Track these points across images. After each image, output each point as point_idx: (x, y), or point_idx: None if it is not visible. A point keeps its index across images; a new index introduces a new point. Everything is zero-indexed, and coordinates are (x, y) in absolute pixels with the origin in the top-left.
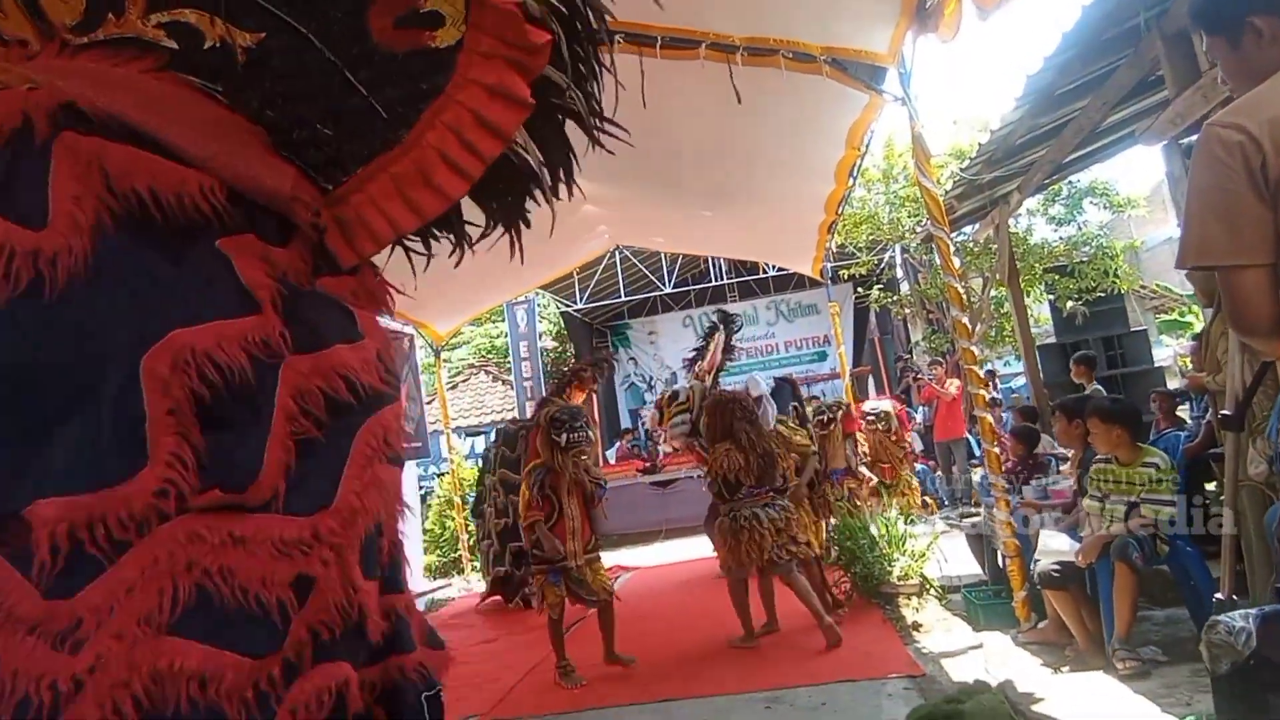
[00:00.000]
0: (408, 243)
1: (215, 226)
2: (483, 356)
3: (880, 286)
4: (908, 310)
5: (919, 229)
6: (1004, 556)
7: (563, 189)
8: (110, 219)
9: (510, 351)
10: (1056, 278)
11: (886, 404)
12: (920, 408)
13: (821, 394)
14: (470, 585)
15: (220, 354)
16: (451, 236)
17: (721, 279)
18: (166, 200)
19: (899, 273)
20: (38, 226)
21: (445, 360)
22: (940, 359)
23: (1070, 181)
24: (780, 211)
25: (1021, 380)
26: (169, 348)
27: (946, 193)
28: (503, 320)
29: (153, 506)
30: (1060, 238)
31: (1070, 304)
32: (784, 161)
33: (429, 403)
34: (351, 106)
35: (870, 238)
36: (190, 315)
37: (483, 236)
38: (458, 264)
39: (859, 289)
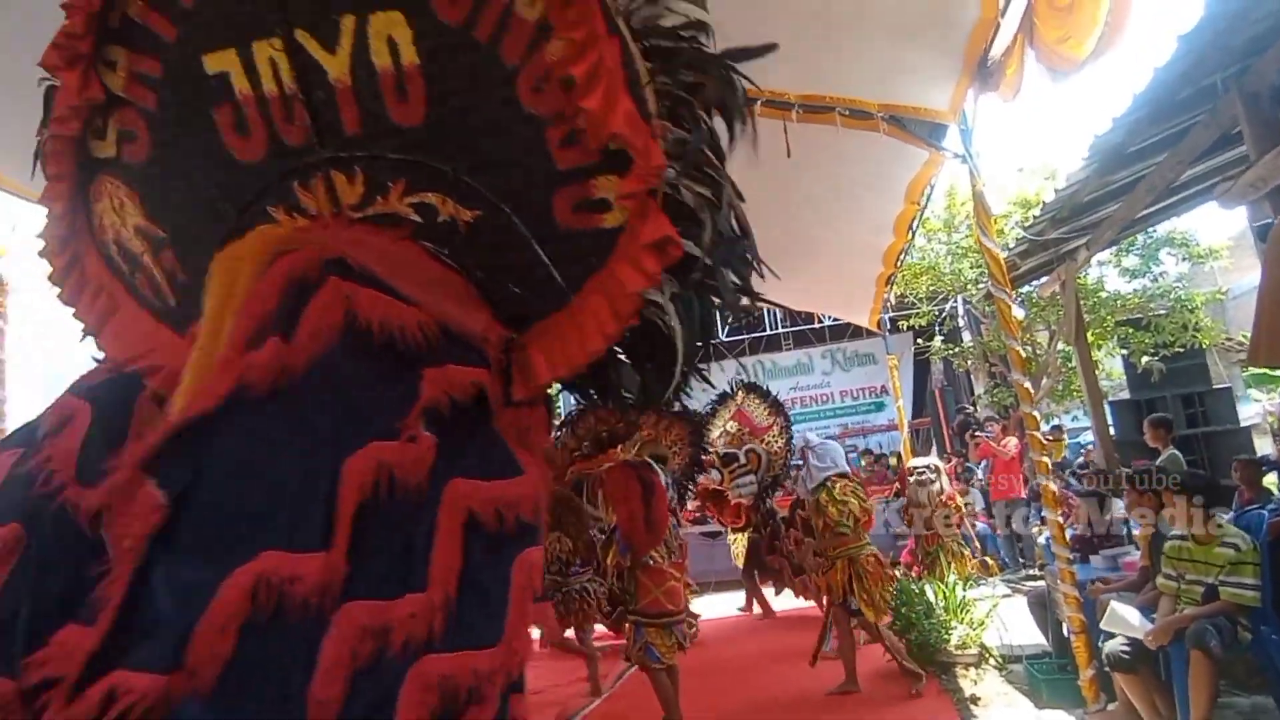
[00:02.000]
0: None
1: (427, 356)
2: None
3: (942, 338)
4: (970, 362)
5: (982, 281)
6: (1070, 630)
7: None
8: (351, 336)
9: (560, 400)
10: (1130, 331)
11: (934, 460)
12: (980, 464)
13: (879, 446)
14: None
15: (402, 468)
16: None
17: (776, 327)
18: (391, 329)
19: (961, 324)
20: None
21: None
22: (996, 416)
23: (1147, 231)
24: (836, 264)
25: (1090, 437)
26: (362, 457)
27: (1010, 250)
28: None
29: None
30: (1134, 290)
31: (1146, 359)
32: (841, 215)
33: None
34: (537, 273)
35: (931, 288)
36: (385, 429)
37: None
38: None
39: (919, 340)
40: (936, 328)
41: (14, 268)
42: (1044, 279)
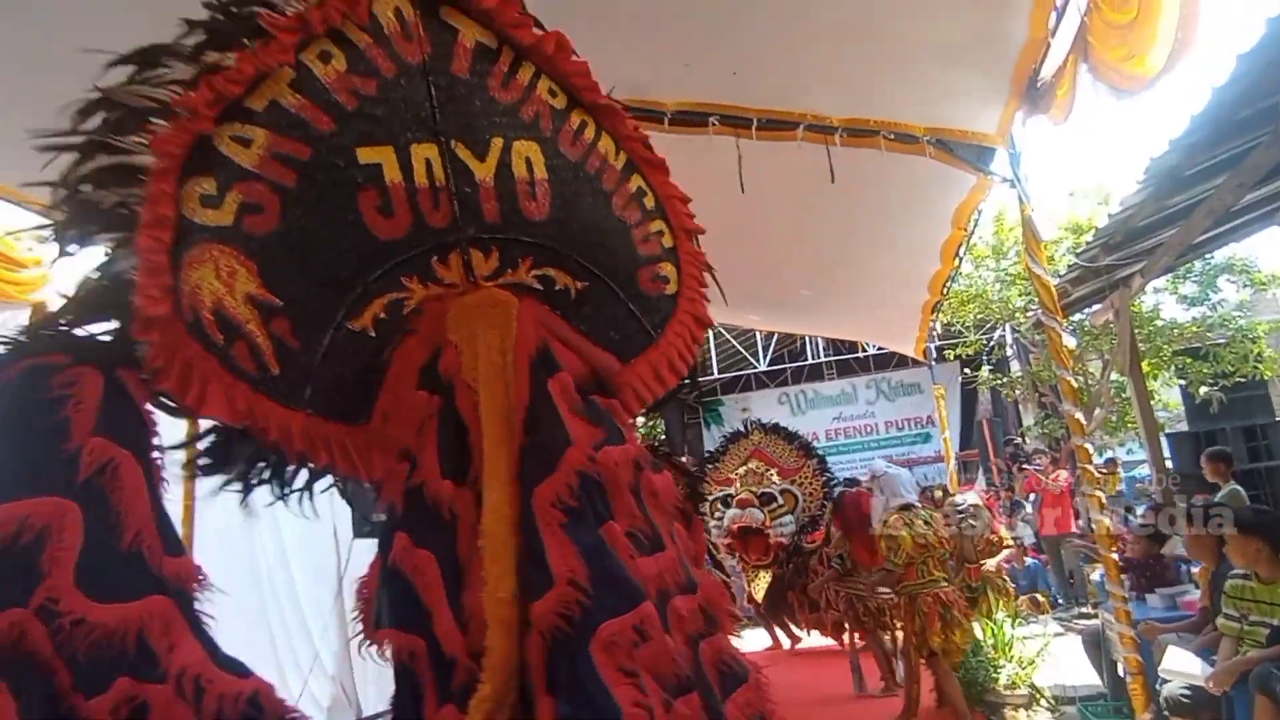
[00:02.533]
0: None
1: (593, 387)
2: None
3: (989, 367)
4: (1019, 393)
5: (1031, 309)
6: (1126, 671)
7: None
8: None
9: None
10: (1188, 361)
11: (973, 496)
12: (1028, 498)
13: (925, 478)
14: None
15: (626, 466)
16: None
17: (819, 356)
18: (582, 381)
19: (1010, 353)
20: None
21: None
22: (1046, 449)
23: (1205, 257)
24: (880, 291)
25: (1146, 470)
26: (610, 454)
27: (1060, 277)
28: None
29: None
30: (1192, 318)
31: (1204, 390)
32: (885, 241)
33: None
34: (630, 325)
35: (978, 317)
36: (609, 439)
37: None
38: None
39: (966, 369)
40: (984, 357)
41: (56, 295)
42: (1096, 307)
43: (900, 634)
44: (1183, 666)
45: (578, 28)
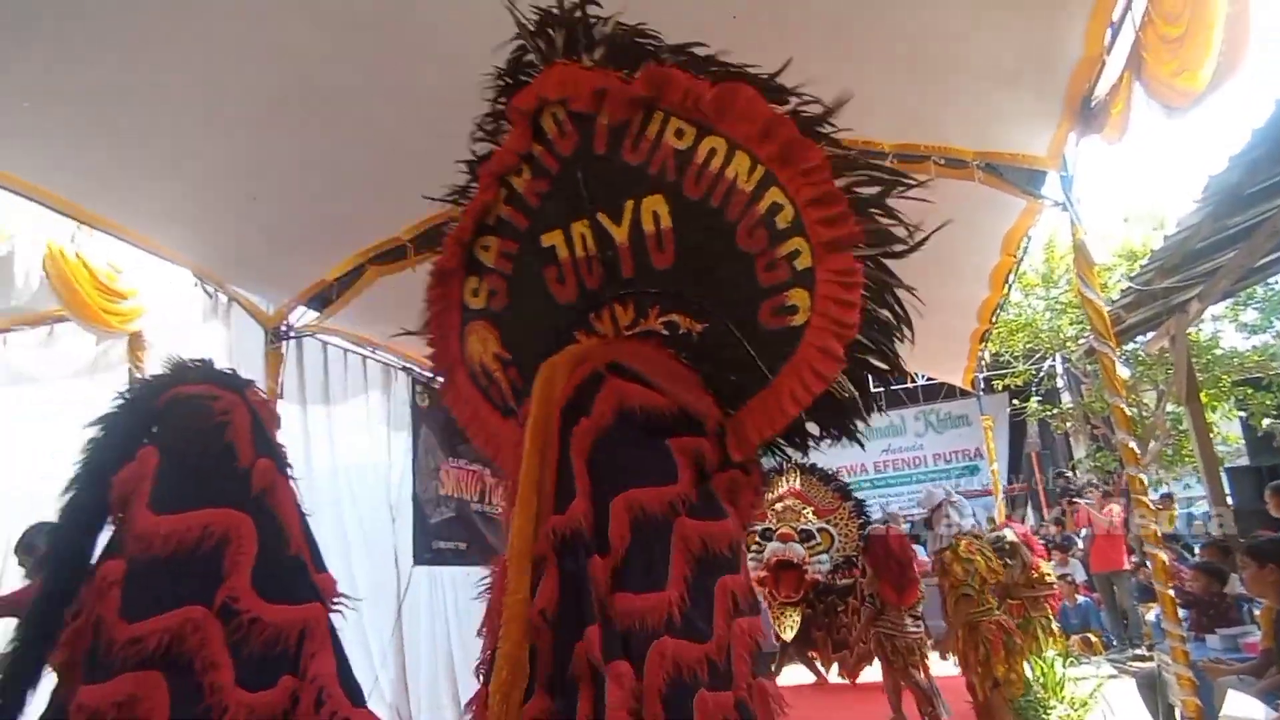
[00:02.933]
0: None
1: (670, 429)
2: None
3: (1039, 398)
4: (1070, 425)
5: (1082, 338)
6: (1184, 717)
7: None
8: (620, 418)
9: None
10: (1249, 391)
11: (1009, 533)
12: (1079, 533)
13: (974, 512)
14: None
15: (653, 508)
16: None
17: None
18: (648, 412)
19: (1060, 384)
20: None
21: None
22: (1096, 484)
23: (1268, 283)
24: (928, 319)
25: (1204, 506)
26: (625, 498)
27: (1113, 302)
28: None
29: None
30: (1254, 346)
31: (1267, 422)
32: (932, 267)
33: None
34: (747, 367)
35: (1028, 346)
36: (642, 480)
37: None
38: None
39: (1015, 400)
40: (1033, 388)
41: (151, 326)
42: (1151, 334)
43: (921, 669)
44: (1244, 712)
45: None
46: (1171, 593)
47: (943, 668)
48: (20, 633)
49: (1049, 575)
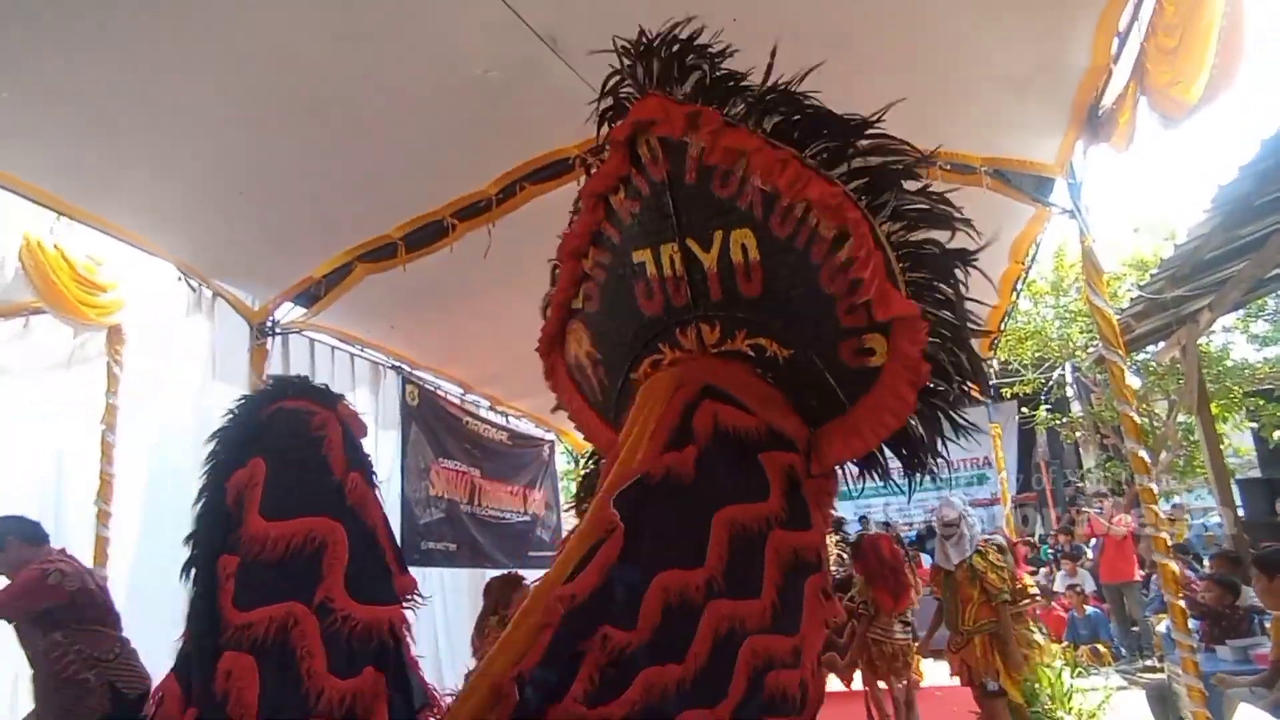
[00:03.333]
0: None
1: (761, 445)
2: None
3: (1048, 407)
4: (1079, 434)
5: (1092, 347)
6: None
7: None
8: (717, 439)
9: None
10: (1261, 403)
11: (998, 539)
12: (1089, 543)
13: (981, 520)
14: None
15: (750, 523)
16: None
17: None
18: (739, 431)
19: (1070, 392)
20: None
21: (585, 469)
22: (1106, 493)
23: (1279, 295)
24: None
25: (1216, 518)
26: (723, 516)
27: (1123, 311)
28: None
29: (703, 588)
30: (1265, 358)
31: (1279, 434)
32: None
33: (568, 510)
34: (828, 394)
35: (1037, 354)
36: (737, 497)
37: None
38: None
39: (1024, 409)
40: (1043, 396)
41: (131, 319)
42: (1161, 344)
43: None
44: None
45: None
46: (1182, 603)
47: (938, 677)
48: (194, 627)
49: (1030, 587)
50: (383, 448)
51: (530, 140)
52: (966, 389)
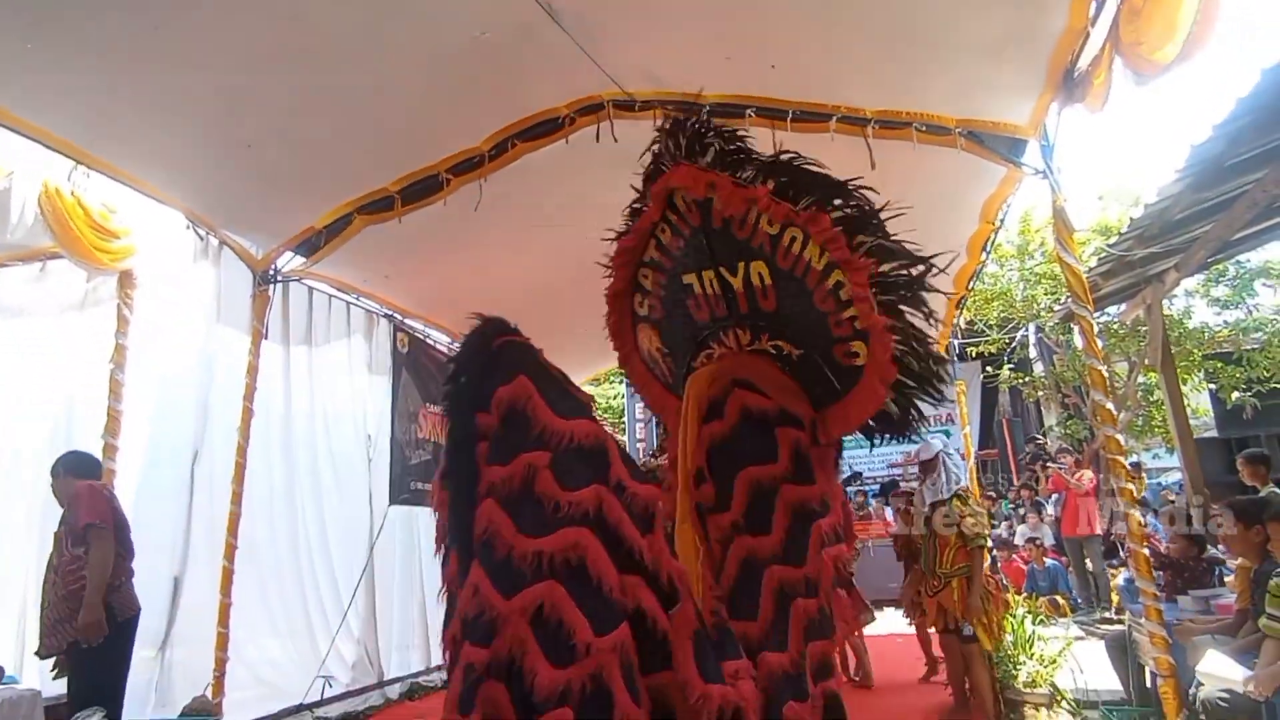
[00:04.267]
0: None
1: (776, 422)
2: (599, 416)
3: (1011, 366)
4: (1041, 393)
5: (1056, 307)
6: (1154, 674)
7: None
8: (743, 417)
9: (626, 412)
10: (1220, 365)
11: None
12: (1050, 498)
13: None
14: None
15: (764, 479)
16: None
17: None
18: (761, 413)
19: (1032, 353)
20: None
21: None
22: (1069, 448)
23: (1239, 260)
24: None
25: (1174, 476)
26: (745, 474)
27: (1091, 270)
28: (621, 381)
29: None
30: (1225, 322)
31: (1237, 395)
32: (911, 234)
33: None
34: (828, 384)
35: (1002, 315)
36: (755, 460)
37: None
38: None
39: (988, 368)
40: (1006, 356)
41: (141, 264)
42: (1124, 306)
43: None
44: (1219, 669)
45: (625, 19)
46: (1146, 552)
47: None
48: (453, 526)
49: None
50: (375, 391)
51: (522, 100)
52: (929, 381)
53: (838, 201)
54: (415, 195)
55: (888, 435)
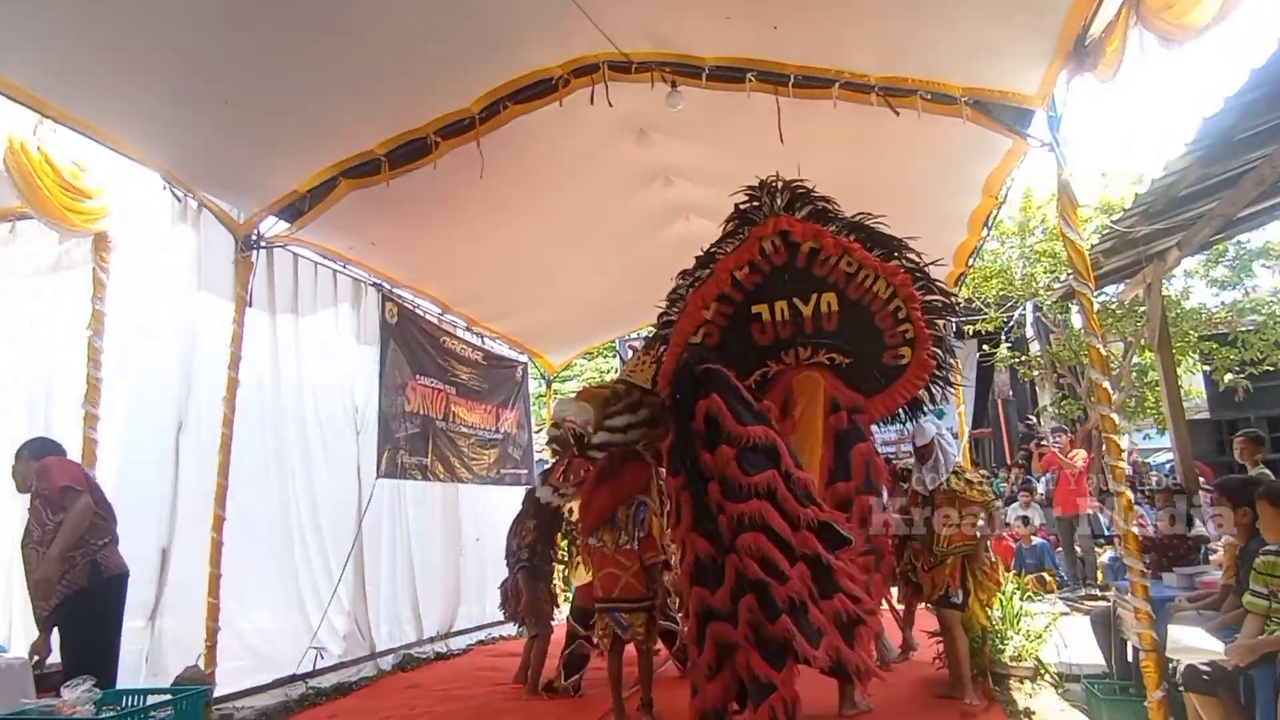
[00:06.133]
0: None
1: (851, 409)
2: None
3: (1008, 345)
4: (1036, 372)
5: (1055, 286)
6: (1136, 649)
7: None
8: (849, 410)
9: None
10: (1215, 346)
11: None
12: (1042, 477)
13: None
14: None
15: (867, 454)
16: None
17: None
18: (853, 406)
19: (1029, 332)
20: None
21: (555, 391)
22: (1064, 427)
23: (1239, 241)
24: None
25: (1164, 457)
26: (858, 449)
27: (1093, 247)
28: (614, 355)
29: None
30: (1222, 303)
31: (1230, 377)
32: (914, 208)
33: (538, 431)
34: (876, 380)
35: (1000, 293)
36: (862, 439)
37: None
38: None
39: (984, 346)
40: (1004, 334)
41: (117, 227)
42: (1123, 285)
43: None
44: (1188, 643)
45: None
46: (1135, 529)
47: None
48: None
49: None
50: (362, 363)
51: (514, 58)
52: (947, 376)
53: (896, 253)
54: (403, 159)
55: (906, 412)
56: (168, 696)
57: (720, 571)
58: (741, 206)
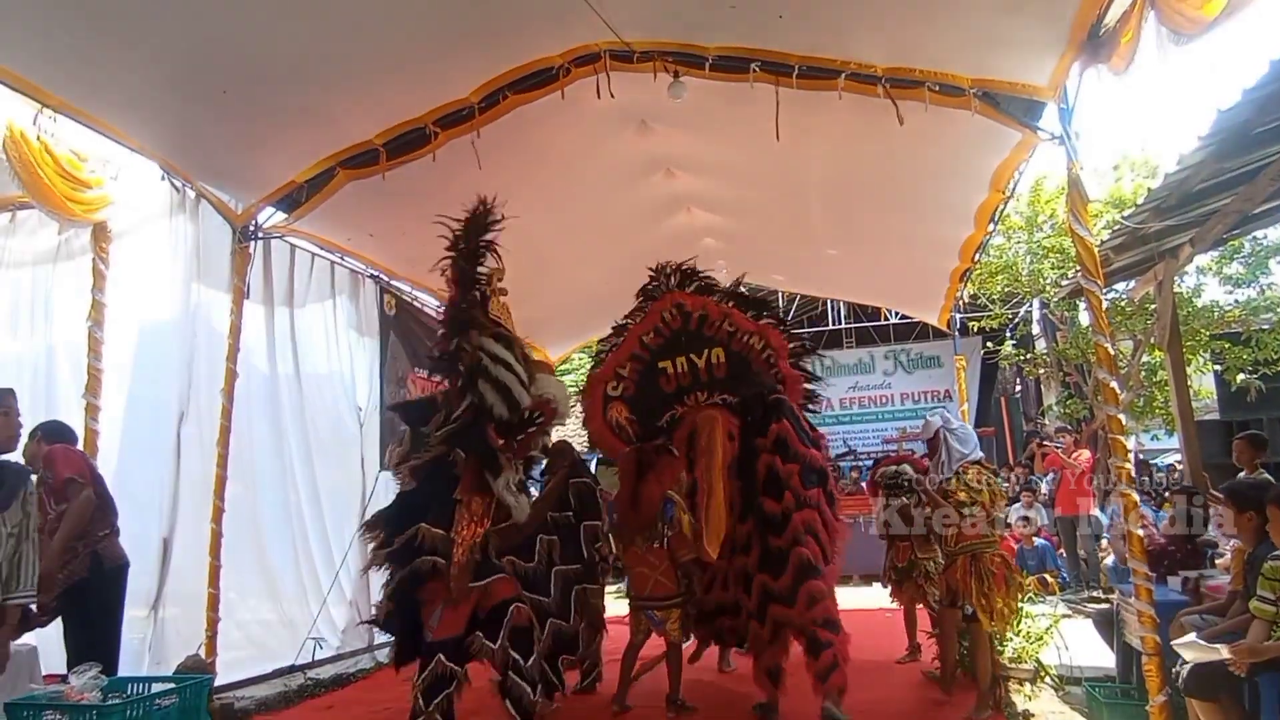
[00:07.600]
0: None
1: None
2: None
3: (1013, 342)
4: (1042, 371)
5: (1063, 282)
6: (1140, 653)
7: None
8: (741, 438)
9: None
10: (1227, 346)
11: (908, 468)
12: (1045, 476)
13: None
14: None
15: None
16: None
17: (839, 323)
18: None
19: (1035, 329)
20: None
21: None
22: (1069, 427)
23: (1255, 237)
24: (910, 255)
25: (1172, 458)
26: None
27: (1103, 243)
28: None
29: None
30: (1235, 301)
31: (1242, 377)
32: (919, 202)
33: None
34: (756, 411)
35: (1006, 289)
36: (756, 456)
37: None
38: None
39: (989, 343)
40: (1009, 331)
41: (117, 216)
42: (1134, 283)
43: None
44: (1190, 648)
45: None
46: (1140, 531)
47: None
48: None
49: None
50: (362, 355)
51: (514, 47)
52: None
53: (764, 312)
54: (401, 149)
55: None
56: (172, 685)
57: (784, 561)
58: (647, 286)
